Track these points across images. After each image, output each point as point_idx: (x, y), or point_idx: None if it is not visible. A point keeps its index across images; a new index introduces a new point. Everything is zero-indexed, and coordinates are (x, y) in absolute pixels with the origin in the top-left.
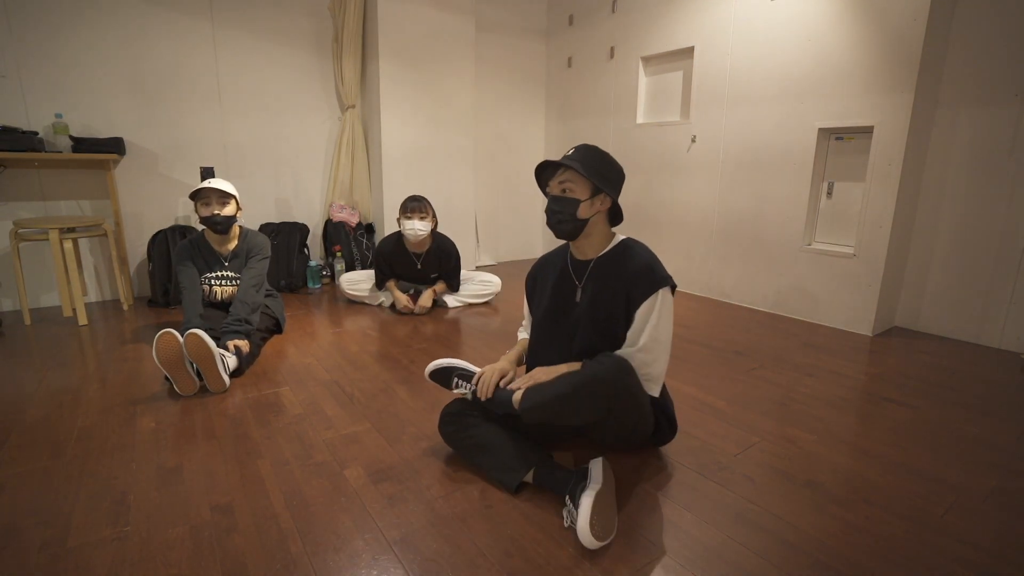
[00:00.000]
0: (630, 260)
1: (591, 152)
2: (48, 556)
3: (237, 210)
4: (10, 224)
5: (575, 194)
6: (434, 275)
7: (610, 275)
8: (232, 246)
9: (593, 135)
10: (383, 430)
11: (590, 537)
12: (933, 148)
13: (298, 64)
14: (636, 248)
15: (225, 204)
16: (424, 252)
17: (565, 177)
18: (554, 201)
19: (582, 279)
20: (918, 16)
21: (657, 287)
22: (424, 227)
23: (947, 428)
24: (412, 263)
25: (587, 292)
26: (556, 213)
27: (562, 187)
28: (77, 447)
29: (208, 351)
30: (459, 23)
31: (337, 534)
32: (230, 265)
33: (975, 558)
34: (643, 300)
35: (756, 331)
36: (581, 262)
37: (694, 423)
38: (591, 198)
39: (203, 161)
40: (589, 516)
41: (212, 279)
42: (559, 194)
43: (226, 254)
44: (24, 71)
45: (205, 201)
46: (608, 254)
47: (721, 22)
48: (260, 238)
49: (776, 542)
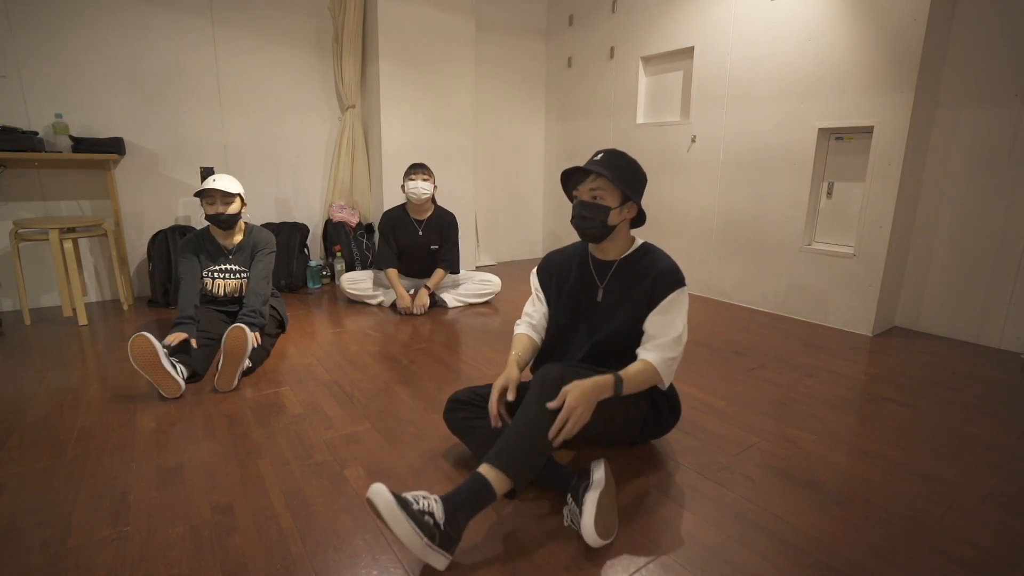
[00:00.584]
0: (654, 262)
1: (620, 159)
2: (48, 556)
3: (242, 206)
4: (10, 224)
5: (606, 201)
6: (434, 246)
7: (633, 276)
8: (237, 240)
9: (593, 135)
10: (383, 430)
11: (595, 535)
12: (933, 148)
13: (298, 64)
14: (657, 251)
15: (229, 203)
16: (425, 220)
17: (597, 184)
18: (584, 207)
19: (604, 279)
20: (918, 16)
21: (679, 286)
22: (427, 187)
23: (947, 428)
24: (414, 230)
25: (611, 292)
26: (586, 219)
27: (593, 194)
28: (77, 447)
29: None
30: (459, 23)
31: (337, 534)
32: (234, 258)
33: (975, 558)
34: (666, 297)
35: (756, 331)
36: (603, 263)
37: (694, 423)
38: (620, 206)
39: (203, 161)
40: (594, 515)
41: (215, 271)
42: (590, 200)
43: (231, 247)
44: (24, 71)
45: (209, 200)
46: (631, 256)
47: (721, 22)
48: (265, 233)
49: (776, 542)
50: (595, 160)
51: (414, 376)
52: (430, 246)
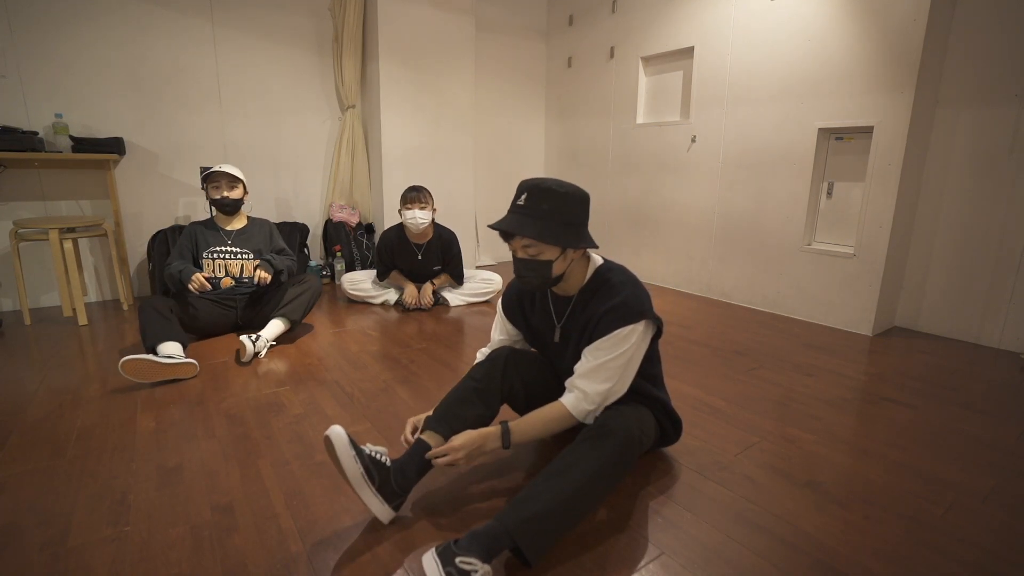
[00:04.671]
0: (608, 295)
1: (548, 199)
2: (48, 556)
3: (244, 194)
4: (10, 224)
5: (544, 255)
6: (436, 267)
7: (585, 315)
8: (239, 226)
9: (593, 135)
10: (383, 430)
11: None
12: (933, 148)
13: (298, 64)
14: (614, 281)
15: (234, 187)
16: (425, 243)
17: (528, 242)
18: (523, 265)
19: (562, 318)
20: (918, 16)
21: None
22: (424, 216)
23: (947, 428)
24: (413, 254)
25: (567, 333)
26: (528, 278)
27: (527, 251)
28: (77, 447)
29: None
30: (459, 23)
31: (337, 534)
32: (233, 242)
33: (975, 558)
34: (610, 332)
35: (756, 331)
36: (561, 298)
37: (694, 423)
38: (562, 254)
39: (203, 161)
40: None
41: (215, 252)
42: (527, 258)
43: (232, 232)
44: (24, 71)
45: (215, 184)
46: (585, 289)
47: (721, 22)
48: (264, 221)
49: (776, 542)
50: (518, 207)
51: (414, 376)
52: (431, 268)
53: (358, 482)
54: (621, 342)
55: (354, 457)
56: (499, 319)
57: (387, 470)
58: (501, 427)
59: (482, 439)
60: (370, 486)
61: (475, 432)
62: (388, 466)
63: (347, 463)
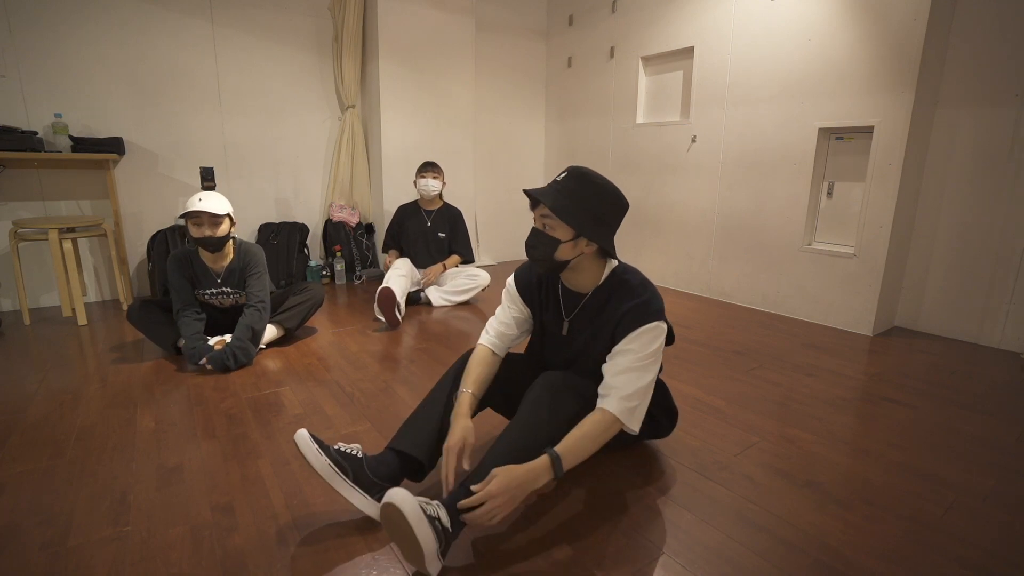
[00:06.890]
0: (626, 296)
1: (584, 184)
2: (49, 556)
3: (231, 226)
4: (10, 224)
5: (555, 233)
6: (442, 234)
7: (601, 316)
8: (226, 263)
9: (593, 135)
10: (383, 430)
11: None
12: (933, 148)
13: (298, 64)
14: (632, 282)
15: (218, 224)
16: (435, 211)
17: (547, 213)
18: (533, 235)
19: (571, 313)
20: (918, 16)
21: (652, 319)
22: (436, 184)
23: (947, 428)
24: (423, 220)
25: (577, 329)
26: (533, 248)
27: (543, 222)
28: (77, 447)
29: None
30: (459, 23)
31: (337, 534)
32: (223, 282)
33: (975, 558)
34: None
35: (756, 331)
36: (573, 293)
37: (694, 423)
38: (573, 239)
39: (203, 161)
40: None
41: (208, 294)
42: (540, 228)
43: (220, 271)
44: (23, 71)
45: (196, 222)
46: (600, 289)
47: (721, 22)
48: (254, 250)
49: (776, 542)
50: (555, 181)
51: (414, 376)
52: (438, 234)
53: (328, 474)
54: (650, 340)
55: (317, 451)
56: (509, 298)
57: (359, 461)
58: (549, 456)
59: (527, 475)
60: (342, 477)
61: (519, 470)
62: (360, 457)
63: (311, 457)
